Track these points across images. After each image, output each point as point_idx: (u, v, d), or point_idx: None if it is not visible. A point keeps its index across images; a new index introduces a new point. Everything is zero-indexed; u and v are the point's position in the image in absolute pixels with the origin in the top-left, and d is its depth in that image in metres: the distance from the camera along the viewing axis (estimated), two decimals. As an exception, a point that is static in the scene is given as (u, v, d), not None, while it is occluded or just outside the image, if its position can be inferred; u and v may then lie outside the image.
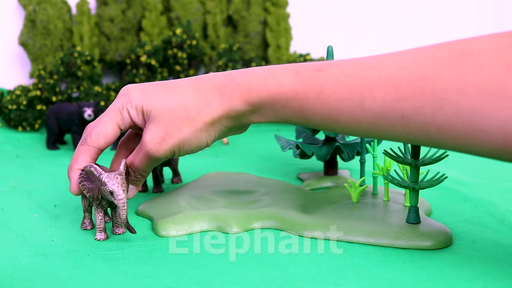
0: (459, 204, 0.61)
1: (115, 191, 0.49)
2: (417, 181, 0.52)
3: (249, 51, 1.23)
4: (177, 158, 0.71)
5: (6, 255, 0.49)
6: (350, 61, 0.46)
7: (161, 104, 0.51)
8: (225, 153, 0.91)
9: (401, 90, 0.42)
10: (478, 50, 0.40)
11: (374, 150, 0.63)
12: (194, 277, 0.44)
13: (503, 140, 0.38)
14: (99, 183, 0.50)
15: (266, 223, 0.55)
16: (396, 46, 1.43)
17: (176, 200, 0.60)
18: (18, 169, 0.82)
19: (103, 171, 0.50)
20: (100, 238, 0.52)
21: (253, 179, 0.70)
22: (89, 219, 0.55)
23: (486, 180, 0.71)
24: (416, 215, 0.52)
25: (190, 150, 0.52)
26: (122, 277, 0.44)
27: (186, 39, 1.14)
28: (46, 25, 1.12)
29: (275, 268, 0.45)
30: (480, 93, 0.39)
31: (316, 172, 0.75)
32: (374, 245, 0.50)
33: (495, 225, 0.54)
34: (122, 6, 1.18)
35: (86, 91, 1.08)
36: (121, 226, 0.53)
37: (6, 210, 0.62)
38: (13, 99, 1.04)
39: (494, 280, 0.43)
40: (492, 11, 1.48)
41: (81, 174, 0.52)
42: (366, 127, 0.45)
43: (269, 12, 1.23)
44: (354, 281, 0.43)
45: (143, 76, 1.13)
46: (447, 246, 0.49)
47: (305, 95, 0.46)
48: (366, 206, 0.57)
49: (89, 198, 0.52)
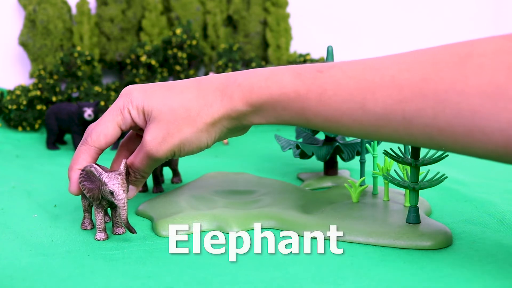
0: (459, 204, 0.61)
1: (115, 191, 0.49)
2: (417, 181, 0.52)
3: (249, 51, 1.23)
4: (177, 158, 0.71)
5: (6, 255, 0.49)
6: (352, 62, 0.46)
7: (162, 104, 0.51)
8: (225, 153, 0.91)
9: (403, 92, 0.42)
10: (479, 52, 0.40)
11: (374, 150, 0.63)
12: (194, 277, 0.44)
13: (504, 142, 0.38)
14: (99, 183, 0.50)
15: (266, 223, 0.55)
16: (396, 46, 1.43)
17: (176, 200, 0.60)
18: (18, 169, 0.82)
19: (103, 171, 0.50)
20: (100, 238, 0.52)
21: (253, 179, 0.70)
22: (89, 219, 0.55)
23: (486, 180, 0.71)
24: (416, 215, 0.52)
25: (190, 151, 0.52)
26: (122, 277, 0.44)
27: (186, 39, 1.14)
28: (46, 25, 1.12)
29: (275, 268, 0.45)
30: (481, 95, 0.39)
31: (316, 172, 0.75)
32: (374, 245, 0.50)
33: (495, 225, 0.54)
34: (122, 6, 1.18)
35: (86, 91, 1.08)
36: (121, 226, 0.53)
37: (6, 210, 0.62)
38: (13, 99, 1.04)
39: (494, 280, 0.43)
40: (492, 12, 1.48)
41: (81, 174, 0.52)
42: (368, 129, 0.45)
43: (269, 12, 1.23)
44: (354, 281, 0.43)
45: (143, 76, 1.13)
46: (447, 246, 0.49)
47: (306, 97, 0.46)
48: (366, 206, 0.57)
49: (89, 198, 0.52)
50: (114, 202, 0.50)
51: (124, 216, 0.50)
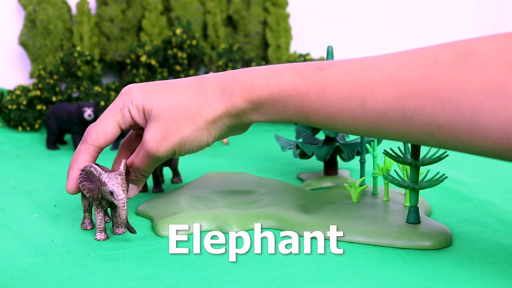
0: (459, 204, 0.61)
1: (115, 191, 0.49)
2: (417, 181, 0.52)
3: (249, 51, 1.23)
4: (177, 158, 0.71)
5: (6, 255, 0.49)
6: (352, 60, 0.46)
7: (162, 103, 0.51)
8: (225, 153, 0.91)
9: (403, 89, 0.42)
10: (479, 50, 0.40)
11: (374, 150, 0.63)
12: (194, 277, 0.44)
13: (504, 140, 0.38)
14: (99, 183, 0.50)
15: (266, 223, 0.55)
16: (396, 45, 1.43)
17: (176, 200, 0.60)
18: (18, 169, 0.82)
19: (103, 171, 0.50)
20: (100, 238, 0.52)
21: (253, 179, 0.70)
22: (89, 219, 0.55)
23: (486, 180, 0.71)
24: (416, 215, 0.52)
25: (190, 149, 0.52)
26: (122, 277, 0.44)
27: (186, 39, 1.14)
28: (46, 25, 1.12)
29: (275, 268, 0.45)
30: (481, 93, 0.39)
31: (316, 172, 0.75)
32: (374, 245, 0.50)
33: (495, 225, 0.54)
34: (122, 6, 1.18)
35: (86, 91, 1.08)
36: (121, 226, 0.53)
37: (6, 210, 0.62)
38: (13, 99, 1.04)
39: (494, 280, 0.43)
40: (492, 11, 1.48)
41: (81, 175, 0.52)
42: (367, 126, 0.45)
43: (269, 12, 1.23)
44: (354, 281, 0.43)
45: (143, 76, 1.13)
46: (447, 246, 0.49)
47: (306, 94, 0.46)
48: (366, 206, 0.57)
49: (89, 198, 0.52)
50: (114, 202, 0.50)
51: (124, 216, 0.50)
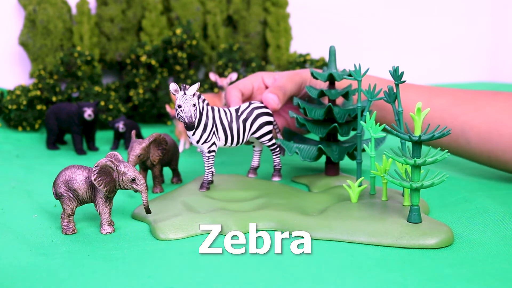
0: (459, 204, 0.61)
1: (137, 177, 0.53)
2: (418, 180, 0.52)
3: (249, 51, 1.23)
4: (177, 158, 0.71)
5: (6, 255, 0.49)
6: None
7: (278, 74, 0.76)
8: (225, 153, 0.91)
9: None
10: None
11: (371, 150, 0.62)
12: (194, 277, 0.44)
13: None
14: (116, 173, 0.53)
15: (265, 224, 0.55)
16: (395, 45, 1.43)
17: (175, 202, 0.60)
18: (18, 169, 0.82)
19: (118, 162, 0.54)
20: (108, 232, 0.53)
21: (252, 180, 0.70)
22: (73, 222, 0.55)
23: (486, 180, 0.71)
24: (417, 214, 0.52)
25: None
26: (122, 277, 0.44)
27: (186, 39, 1.14)
28: (46, 25, 1.12)
29: (275, 268, 0.45)
30: None
31: (316, 172, 0.75)
32: (376, 245, 0.50)
33: (495, 225, 0.54)
34: (122, 6, 1.18)
35: (86, 91, 1.08)
36: None
37: (6, 210, 0.62)
38: (13, 99, 1.04)
39: (494, 280, 0.43)
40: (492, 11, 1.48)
41: (94, 171, 0.52)
42: None
43: (269, 12, 1.23)
44: (354, 281, 0.43)
45: (143, 76, 1.13)
46: (449, 245, 0.49)
47: None
48: (366, 206, 0.57)
49: (104, 192, 0.53)
50: (135, 188, 0.53)
51: (145, 200, 0.53)
